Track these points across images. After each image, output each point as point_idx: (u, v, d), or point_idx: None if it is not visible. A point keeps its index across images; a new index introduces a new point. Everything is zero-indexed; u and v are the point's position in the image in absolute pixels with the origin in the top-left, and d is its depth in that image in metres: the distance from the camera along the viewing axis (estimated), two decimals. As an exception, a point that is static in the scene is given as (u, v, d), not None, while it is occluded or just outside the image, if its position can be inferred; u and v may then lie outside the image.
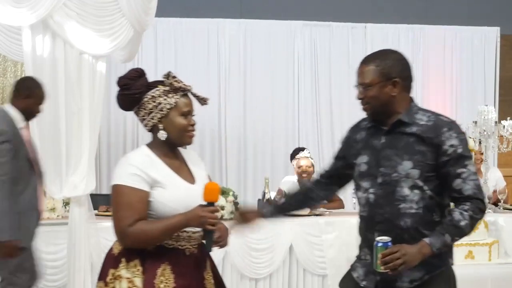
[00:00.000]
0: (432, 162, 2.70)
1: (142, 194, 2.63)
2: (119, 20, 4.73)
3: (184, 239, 2.72)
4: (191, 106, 2.84)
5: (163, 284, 2.65)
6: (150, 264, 2.66)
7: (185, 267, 2.71)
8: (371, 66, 2.89)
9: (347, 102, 8.15)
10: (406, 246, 2.60)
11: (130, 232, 2.61)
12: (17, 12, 4.43)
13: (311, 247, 5.54)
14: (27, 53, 4.49)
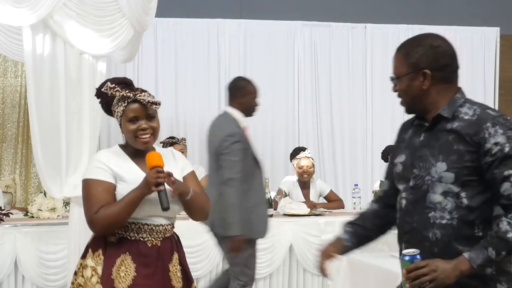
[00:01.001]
0: (472, 163, 2.31)
1: (106, 185, 2.84)
2: (119, 20, 4.73)
3: (145, 231, 2.88)
4: (140, 111, 2.92)
5: (123, 273, 2.83)
6: (111, 253, 2.85)
7: (147, 257, 2.86)
8: (399, 55, 2.50)
9: (347, 102, 8.16)
10: (438, 261, 2.23)
11: (96, 219, 2.82)
12: (17, 12, 4.43)
13: (311, 247, 5.54)
14: (27, 53, 4.49)
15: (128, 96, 2.93)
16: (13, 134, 7.48)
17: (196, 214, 3.05)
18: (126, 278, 2.83)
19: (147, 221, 2.88)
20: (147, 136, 2.91)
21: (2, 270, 4.95)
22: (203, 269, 5.26)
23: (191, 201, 2.93)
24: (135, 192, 2.80)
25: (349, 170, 8.15)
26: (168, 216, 2.95)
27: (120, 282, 2.82)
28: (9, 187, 7.06)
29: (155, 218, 2.90)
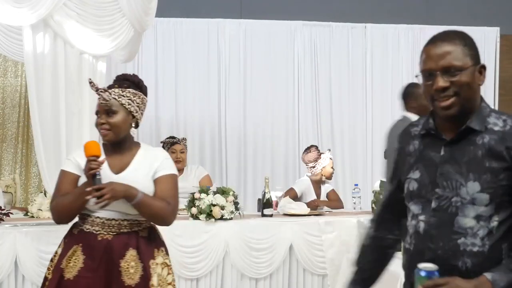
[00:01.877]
0: (508, 182, 2.04)
1: (70, 175, 3.04)
2: (119, 20, 4.74)
3: (98, 224, 3.01)
4: (100, 106, 3.08)
5: (72, 263, 2.98)
6: (68, 244, 3.06)
7: (96, 251, 2.98)
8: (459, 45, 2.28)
9: (347, 102, 8.16)
10: (458, 280, 1.99)
11: (52, 206, 3.04)
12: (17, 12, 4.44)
13: (311, 247, 5.54)
14: (27, 53, 4.50)
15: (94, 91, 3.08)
16: (13, 134, 7.48)
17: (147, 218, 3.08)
18: (74, 268, 2.97)
19: (99, 214, 3.01)
20: (103, 130, 3.06)
21: (2, 270, 4.94)
22: (203, 269, 5.26)
23: (138, 205, 2.97)
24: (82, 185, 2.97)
25: (349, 170, 8.15)
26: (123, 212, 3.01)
27: (68, 272, 2.97)
28: (9, 187, 7.05)
29: (108, 212, 2.99)
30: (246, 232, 5.40)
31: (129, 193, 2.95)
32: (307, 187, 6.50)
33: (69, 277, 2.94)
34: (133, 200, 2.94)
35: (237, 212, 5.42)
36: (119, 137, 3.10)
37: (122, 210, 3.01)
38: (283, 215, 5.80)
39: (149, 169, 3.06)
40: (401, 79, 8.29)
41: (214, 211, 5.25)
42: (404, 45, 8.31)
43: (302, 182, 6.58)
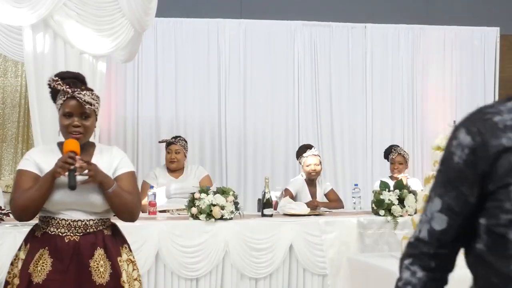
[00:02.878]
0: None
1: (30, 174, 3.00)
2: (119, 20, 4.74)
3: (63, 226, 3.00)
4: (75, 108, 3.03)
5: (40, 267, 2.95)
6: (33, 248, 3.01)
7: (64, 252, 2.97)
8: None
9: (347, 102, 8.16)
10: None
11: (14, 203, 2.98)
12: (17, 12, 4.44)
13: (311, 247, 5.54)
14: (28, 53, 4.50)
15: (67, 92, 3.02)
16: (13, 134, 7.48)
17: (118, 211, 3.09)
18: (42, 272, 2.94)
19: (65, 216, 3.00)
20: (76, 133, 3.02)
21: (2, 270, 4.93)
22: (203, 269, 5.26)
23: (112, 194, 3.00)
24: (44, 177, 2.94)
25: (349, 170, 8.15)
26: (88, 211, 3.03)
27: (36, 276, 2.94)
28: (9, 187, 7.05)
29: (73, 213, 3.00)
30: (246, 232, 5.40)
31: (107, 179, 3.00)
32: (301, 186, 6.50)
33: (38, 281, 2.93)
34: (109, 188, 2.98)
35: (237, 212, 5.42)
36: (87, 139, 3.11)
37: (88, 209, 3.03)
38: (283, 215, 5.80)
39: (109, 167, 3.07)
40: (401, 79, 8.30)
41: (214, 211, 5.25)
42: (404, 45, 8.31)
43: (296, 181, 6.58)
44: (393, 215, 5.71)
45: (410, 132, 8.29)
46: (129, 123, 7.71)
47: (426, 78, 8.35)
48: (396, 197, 5.76)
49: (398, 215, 5.72)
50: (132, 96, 7.72)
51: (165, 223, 5.34)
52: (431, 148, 4.98)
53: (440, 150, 4.81)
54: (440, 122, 8.13)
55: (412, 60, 8.33)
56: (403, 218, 5.71)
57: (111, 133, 7.64)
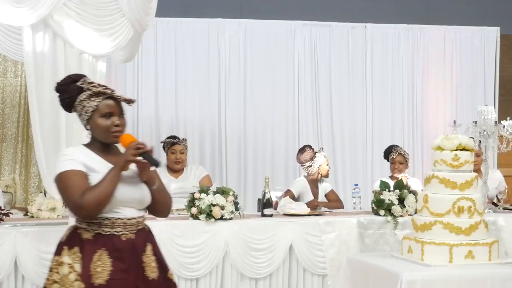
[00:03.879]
0: None
1: (81, 173, 2.96)
2: (119, 20, 4.73)
3: (119, 225, 3.00)
4: (114, 108, 3.07)
5: (100, 268, 2.93)
6: (88, 250, 2.96)
7: (122, 251, 2.98)
8: None
9: (347, 102, 8.15)
10: None
11: (83, 202, 2.90)
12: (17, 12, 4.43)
13: (311, 247, 5.54)
14: (27, 53, 4.49)
15: (104, 92, 3.04)
16: (13, 134, 7.47)
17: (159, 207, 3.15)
18: (103, 273, 2.93)
19: (120, 216, 3.00)
20: (118, 132, 3.06)
21: (2, 270, 4.94)
22: (203, 269, 5.26)
23: (157, 191, 3.08)
24: (113, 170, 2.95)
25: (349, 170, 8.15)
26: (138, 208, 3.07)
27: (98, 278, 2.92)
28: (9, 187, 7.05)
29: (125, 210, 3.02)
30: (246, 232, 5.40)
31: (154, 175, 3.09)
32: (304, 187, 6.50)
33: (101, 282, 2.92)
34: (154, 185, 3.07)
35: (237, 212, 5.42)
36: None
37: (139, 206, 3.08)
38: (283, 215, 5.80)
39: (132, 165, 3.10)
40: (401, 79, 8.29)
41: (214, 211, 5.25)
42: (404, 45, 8.30)
43: (299, 182, 6.58)
44: (393, 215, 5.71)
45: (410, 132, 8.28)
46: (129, 123, 7.56)
47: (426, 78, 8.34)
48: (396, 197, 5.76)
49: (398, 215, 5.72)
50: (132, 96, 7.68)
51: (165, 223, 5.33)
52: (431, 148, 4.98)
53: (440, 150, 4.82)
54: (440, 122, 8.13)
55: (412, 60, 8.32)
56: (403, 218, 5.71)
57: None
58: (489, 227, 4.94)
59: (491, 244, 4.70)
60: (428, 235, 4.69)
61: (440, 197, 4.73)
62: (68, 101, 3.11)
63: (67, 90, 3.08)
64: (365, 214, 5.88)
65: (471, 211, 4.69)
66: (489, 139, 5.95)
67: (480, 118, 5.97)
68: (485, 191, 6.01)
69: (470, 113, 7.53)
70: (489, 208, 6.10)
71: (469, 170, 4.79)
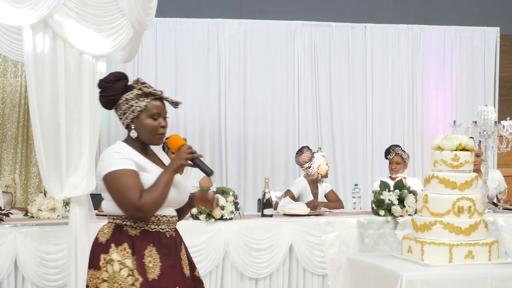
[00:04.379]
0: None
1: (135, 172, 2.98)
2: (119, 20, 4.72)
3: (164, 223, 3.05)
4: (162, 109, 3.09)
5: (152, 263, 2.97)
6: (138, 246, 2.97)
7: (168, 248, 3.04)
8: None
9: (347, 102, 8.16)
10: None
11: (143, 203, 2.92)
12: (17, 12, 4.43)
13: (311, 247, 5.54)
14: (27, 53, 4.49)
15: (154, 93, 3.06)
16: (13, 134, 7.48)
17: (186, 212, 3.33)
18: (155, 268, 2.97)
19: (164, 213, 3.05)
20: (162, 134, 3.09)
21: (2, 270, 4.94)
22: (203, 269, 5.25)
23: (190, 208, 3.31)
24: (168, 173, 2.98)
25: (349, 170, 8.15)
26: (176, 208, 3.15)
27: (151, 273, 2.95)
28: (9, 187, 7.05)
29: (169, 210, 3.08)
30: (246, 232, 5.40)
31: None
32: (303, 188, 6.50)
33: (154, 277, 2.96)
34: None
35: (237, 212, 5.42)
36: None
37: (177, 206, 3.15)
38: (283, 215, 5.80)
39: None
40: (401, 79, 8.29)
41: (214, 211, 5.25)
42: (404, 45, 8.30)
43: (299, 183, 6.58)
44: (393, 215, 5.72)
45: (410, 132, 8.29)
46: (129, 123, 7.69)
47: (426, 78, 8.35)
48: (396, 197, 5.76)
49: (398, 215, 5.72)
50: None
51: (165, 223, 5.34)
52: (431, 148, 4.98)
53: (440, 150, 4.82)
54: (440, 122, 8.13)
55: (412, 60, 8.32)
56: (403, 218, 5.72)
57: (111, 133, 7.63)
58: (489, 227, 4.95)
59: (491, 244, 4.71)
60: (428, 235, 4.70)
61: (440, 197, 4.73)
62: (112, 99, 3.08)
63: (113, 87, 3.06)
64: (365, 214, 5.88)
65: (471, 211, 4.69)
66: (489, 139, 5.96)
67: (480, 118, 5.97)
68: (485, 191, 6.01)
69: (470, 113, 7.54)
70: (489, 208, 6.10)
71: (469, 170, 4.79)
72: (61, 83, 4.57)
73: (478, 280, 4.51)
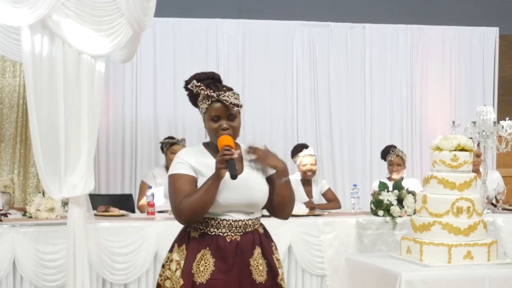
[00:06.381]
0: None
1: (188, 177, 3.01)
2: (118, 20, 4.72)
3: (224, 226, 3.00)
4: (221, 111, 3.07)
5: (203, 267, 2.96)
6: (193, 249, 3.00)
7: (226, 252, 2.98)
8: None
9: (345, 102, 8.16)
10: None
11: (180, 208, 2.96)
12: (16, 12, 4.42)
13: (309, 247, 5.54)
14: (26, 53, 4.48)
15: (211, 96, 3.10)
16: (11, 134, 7.47)
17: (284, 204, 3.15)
18: (205, 272, 2.96)
19: (226, 217, 3.01)
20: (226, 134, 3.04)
21: (0, 270, 4.94)
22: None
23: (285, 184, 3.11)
24: (211, 178, 2.94)
25: (348, 170, 8.15)
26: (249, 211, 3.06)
27: (200, 277, 2.95)
28: (7, 187, 7.04)
29: (234, 214, 3.02)
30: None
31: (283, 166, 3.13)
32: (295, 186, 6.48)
33: (202, 281, 2.95)
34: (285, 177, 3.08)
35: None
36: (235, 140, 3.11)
37: (249, 210, 3.06)
38: (281, 215, 5.79)
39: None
40: (399, 79, 8.29)
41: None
42: (403, 45, 8.31)
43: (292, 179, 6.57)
44: (392, 215, 5.72)
45: (409, 132, 8.29)
46: (128, 123, 7.70)
47: (425, 78, 8.35)
48: (395, 198, 5.76)
49: (397, 216, 5.72)
50: (130, 96, 7.71)
51: (163, 223, 5.34)
52: (429, 148, 4.98)
53: (439, 151, 4.81)
54: (439, 122, 8.12)
55: (411, 60, 8.32)
56: (402, 219, 5.71)
57: (109, 133, 7.63)
58: (488, 228, 4.94)
59: (490, 245, 4.70)
60: (427, 236, 4.69)
61: (439, 197, 4.73)
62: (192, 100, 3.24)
63: (187, 88, 3.20)
64: (364, 215, 5.88)
65: (470, 211, 4.69)
66: (488, 139, 5.96)
67: (479, 118, 5.97)
68: (484, 191, 6.01)
69: (469, 113, 7.53)
70: (488, 208, 6.11)
71: (468, 170, 4.79)
72: (60, 83, 4.57)
73: (477, 281, 4.51)
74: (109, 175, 7.66)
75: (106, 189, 7.60)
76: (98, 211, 5.56)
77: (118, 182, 7.68)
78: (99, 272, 5.13)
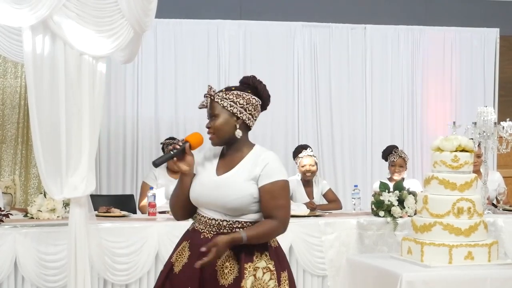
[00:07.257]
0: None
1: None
2: (119, 21, 4.72)
3: (202, 223, 3.09)
4: (207, 110, 3.33)
5: (180, 258, 3.07)
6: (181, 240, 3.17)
7: (198, 248, 2.95)
8: None
9: (346, 103, 8.16)
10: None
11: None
12: (17, 13, 4.42)
13: (310, 248, 5.54)
14: (27, 54, 4.49)
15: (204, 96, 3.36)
16: (13, 135, 7.48)
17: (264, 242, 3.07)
18: (180, 263, 3.07)
19: (201, 213, 3.10)
20: (209, 134, 3.20)
21: (2, 271, 4.94)
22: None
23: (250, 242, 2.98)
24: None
25: (349, 171, 8.15)
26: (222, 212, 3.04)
27: (176, 266, 3.06)
28: (9, 188, 7.05)
29: (208, 212, 3.07)
30: (246, 233, 5.38)
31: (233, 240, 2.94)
32: (295, 187, 6.50)
33: (176, 271, 3.05)
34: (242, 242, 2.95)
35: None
36: (223, 140, 3.18)
37: (222, 211, 3.04)
38: (282, 216, 5.79)
39: (249, 173, 3.08)
40: (400, 80, 8.30)
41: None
42: (403, 46, 8.31)
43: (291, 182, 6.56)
44: (393, 216, 5.72)
45: (410, 133, 8.29)
46: (129, 123, 7.71)
47: (425, 79, 8.35)
48: (396, 198, 5.76)
49: (398, 216, 5.72)
50: (131, 96, 7.72)
51: (164, 224, 5.34)
52: (430, 149, 4.98)
53: (440, 151, 4.82)
54: (440, 123, 8.13)
55: (412, 61, 8.33)
56: (403, 219, 5.72)
57: (110, 133, 7.64)
58: (489, 228, 4.95)
59: (491, 245, 4.71)
60: (427, 236, 4.69)
61: (440, 198, 4.73)
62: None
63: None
64: (365, 215, 5.89)
65: (470, 212, 4.69)
66: (489, 140, 5.96)
67: (479, 119, 5.97)
68: (485, 192, 6.02)
69: (469, 114, 7.53)
70: (489, 209, 6.11)
71: (468, 171, 4.79)
72: (61, 84, 4.57)
73: (478, 281, 4.51)
74: (110, 175, 7.67)
75: (107, 189, 7.61)
76: (99, 211, 5.56)
77: (119, 182, 7.69)
78: (100, 273, 5.13)
